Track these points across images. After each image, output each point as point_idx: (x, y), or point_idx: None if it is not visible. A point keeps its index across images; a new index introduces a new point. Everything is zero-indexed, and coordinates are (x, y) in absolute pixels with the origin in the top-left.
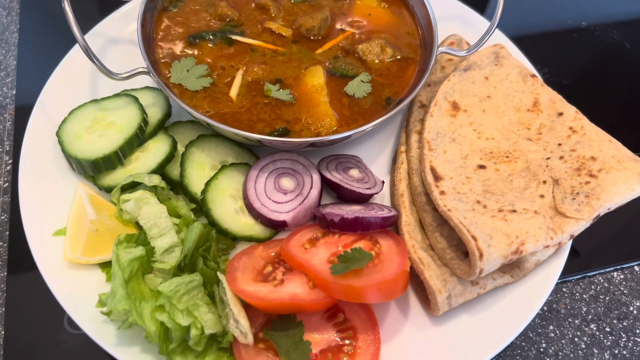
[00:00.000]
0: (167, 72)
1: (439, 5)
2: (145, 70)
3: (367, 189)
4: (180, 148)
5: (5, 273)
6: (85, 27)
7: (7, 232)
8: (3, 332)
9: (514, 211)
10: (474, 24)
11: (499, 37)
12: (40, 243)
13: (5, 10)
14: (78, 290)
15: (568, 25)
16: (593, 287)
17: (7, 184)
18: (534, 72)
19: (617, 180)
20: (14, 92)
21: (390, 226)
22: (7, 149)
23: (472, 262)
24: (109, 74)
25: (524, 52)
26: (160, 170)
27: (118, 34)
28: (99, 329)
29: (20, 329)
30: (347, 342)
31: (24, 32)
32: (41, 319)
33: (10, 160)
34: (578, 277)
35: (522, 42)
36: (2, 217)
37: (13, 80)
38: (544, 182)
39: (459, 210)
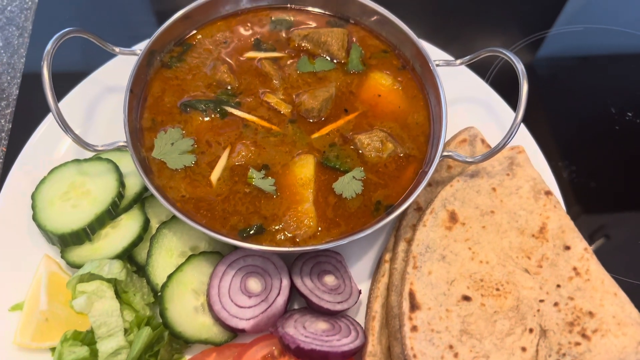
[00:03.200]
0: (151, 140)
1: (461, 85)
2: (125, 144)
3: (339, 302)
4: (154, 224)
5: None
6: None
7: None
8: None
9: None
10: (499, 112)
11: (521, 133)
12: None
13: (18, 29)
14: None
15: (610, 114)
16: None
17: None
18: (552, 185)
19: (612, 348)
20: (10, 127)
21: (353, 356)
22: None
23: None
24: (85, 146)
25: (551, 142)
26: (125, 255)
27: (114, 84)
28: None
29: None
30: None
31: (32, 58)
32: None
33: None
34: None
35: (551, 128)
36: None
37: (12, 113)
38: (531, 330)
39: (425, 357)
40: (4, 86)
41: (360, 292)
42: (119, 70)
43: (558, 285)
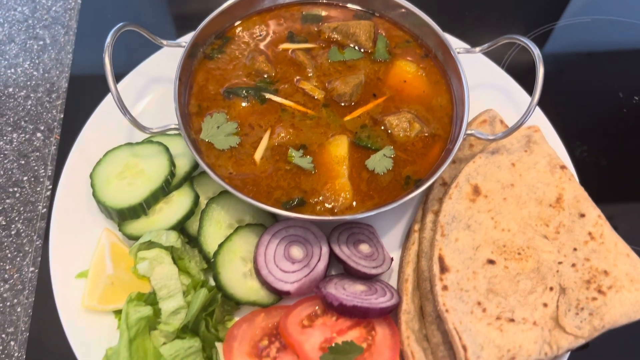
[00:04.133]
0: (198, 124)
1: (480, 72)
2: (176, 127)
3: (374, 267)
4: (203, 200)
5: (33, 299)
6: (130, 64)
7: (40, 259)
8: (25, 357)
9: (512, 320)
10: (515, 96)
11: (537, 115)
12: (63, 284)
13: (64, 28)
14: (90, 334)
15: (618, 98)
16: None
17: (45, 210)
18: (566, 161)
19: (626, 302)
20: (62, 117)
21: (390, 313)
22: (50, 174)
23: None
24: (141, 128)
25: (563, 124)
26: (179, 226)
27: (159, 75)
28: None
29: (40, 356)
30: None
31: (78, 53)
32: (59, 350)
33: (51, 186)
34: None
35: (563, 112)
36: (37, 243)
37: (63, 104)
38: (551, 288)
39: (456, 312)
40: (53, 80)
41: (392, 259)
42: (161, 63)
43: (575, 249)
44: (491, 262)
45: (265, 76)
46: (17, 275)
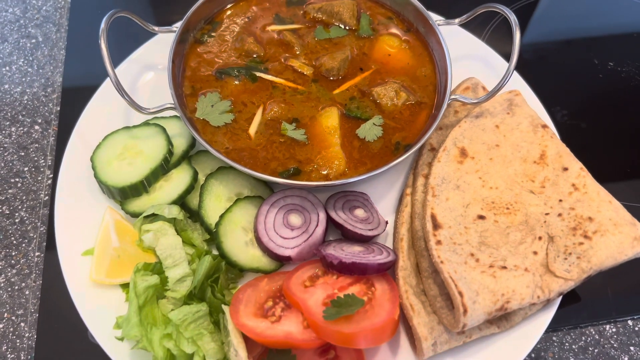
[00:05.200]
0: (193, 104)
1: (461, 45)
2: (172, 106)
3: (370, 230)
4: (201, 177)
5: (41, 282)
6: (122, 53)
7: (45, 244)
8: (36, 337)
9: (504, 267)
10: (495, 65)
11: (516, 80)
12: (70, 261)
13: (55, 26)
14: (99, 307)
15: (594, 64)
16: (583, 338)
17: (47, 197)
18: (547, 121)
19: (611, 244)
20: (59, 109)
21: (387, 270)
22: (50, 163)
23: (457, 316)
24: (138, 108)
25: (543, 91)
26: (181, 200)
27: (152, 62)
28: (114, 346)
29: (51, 335)
30: None
31: (71, 49)
32: (69, 328)
33: (51, 175)
34: (570, 327)
35: (542, 80)
36: (42, 229)
37: (59, 97)
38: (540, 238)
39: (451, 263)
40: (48, 75)
41: (386, 222)
42: (153, 51)
43: (560, 200)
44: (481, 217)
45: (255, 56)
46: (24, 260)
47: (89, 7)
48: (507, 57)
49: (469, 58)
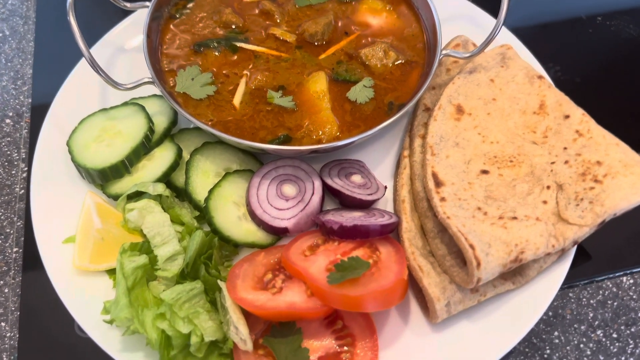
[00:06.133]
0: (172, 80)
1: (446, 5)
2: (150, 80)
3: (369, 195)
4: (186, 155)
5: (20, 278)
6: (93, 37)
7: (22, 238)
8: (18, 336)
9: (515, 218)
10: (483, 23)
11: (507, 37)
12: (50, 250)
13: (22, 19)
14: (85, 296)
15: (582, 20)
16: (601, 292)
17: (22, 191)
18: (542, 73)
19: (623, 185)
20: (30, 101)
21: (390, 233)
22: (23, 156)
23: (470, 270)
24: (114, 85)
25: (534, 50)
26: (165, 178)
27: (125, 44)
28: (104, 335)
29: (34, 332)
30: (345, 348)
31: (40, 40)
32: (53, 323)
33: (26, 168)
34: (586, 281)
35: (533, 39)
36: (18, 224)
37: (29, 89)
38: (548, 187)
39: (458, 218)
40: (17, 68)
41: (385, 187)
42: (126, 31)
43: (565, 148)
44: (485, 172)
45: (234, 27)
46: (1, 257)
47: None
48: (495, 14)
49: (456, 18)
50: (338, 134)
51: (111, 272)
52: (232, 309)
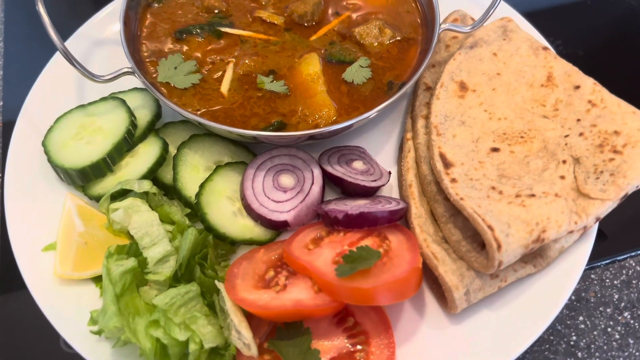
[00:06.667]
0: (153, 70)
1: None
2: (130, 70)
3: (373, 181)
4: (172, 150)
5: None
6: (67, 32)
7: None
8: None
9: (533, 195)
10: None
11: (506, 11)
12: (29, 260)
13: None
14: (70, 308)
15: None
16: (624, 271)
17: None
18: (546, 44)
19: None
20: (1, 104)
21: (399, 220)
22: None
23: (490, 254)
24: (91, 77)
25: (534, 24)
26: (152, 175)
27: (102, 36)
28: (93, 348)
29: (15, 351)
30: (358, 347)
31: (9, 41)
32: (37, 339)
33: (0, 174)
34: (607, 261)
35: (532, 14)
36: None
37: (1, 90)
38: (564, 161)
39: (472, 199)
40: None
41: (390, 173)
42: (101, 24)
43: (578, 120)
44: (495, 150)
45: (217, 11)
46: None
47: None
48: None
49: None
50: (336, 117)
51: (97, 279)
52: (233, 312)
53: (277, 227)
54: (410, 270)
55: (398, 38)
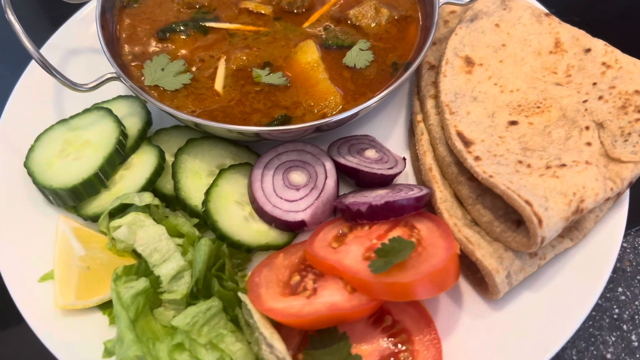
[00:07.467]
0: (140, 74)
1: None
2: (115, 75)
3: (389, 169)
4: (169, 158)
5: None
6: (40, 41)
7: None
8: None
9: (564, 165)
10: None
11: None
12: (25, 293)
13: None
14: (78, 341)
15: None
16: None
17: None
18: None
19: None
20: None
21: (425, 207)
22: None
23: (531, 231)
24: (73, 86)
25: None
26: (151, 186)
27: (79, 43)
28: None
29: None
30: (402, 347)
31: None
32: None
33: None
34: (638, 228)
35: None
36: None
37: None
38: (587, 127)
39: (501, 175)
40: None
41: (404, 159)
42: (74, 32)
43: (594, 83)
44: (513, 123)
45: (199, 6)
46: None
47: None
48: None
49: None
50: (343, 104)
51: (104, 306)
52: (262, 324)
53: (294, 228)
54: (448, 257)
55: (395, 17)
